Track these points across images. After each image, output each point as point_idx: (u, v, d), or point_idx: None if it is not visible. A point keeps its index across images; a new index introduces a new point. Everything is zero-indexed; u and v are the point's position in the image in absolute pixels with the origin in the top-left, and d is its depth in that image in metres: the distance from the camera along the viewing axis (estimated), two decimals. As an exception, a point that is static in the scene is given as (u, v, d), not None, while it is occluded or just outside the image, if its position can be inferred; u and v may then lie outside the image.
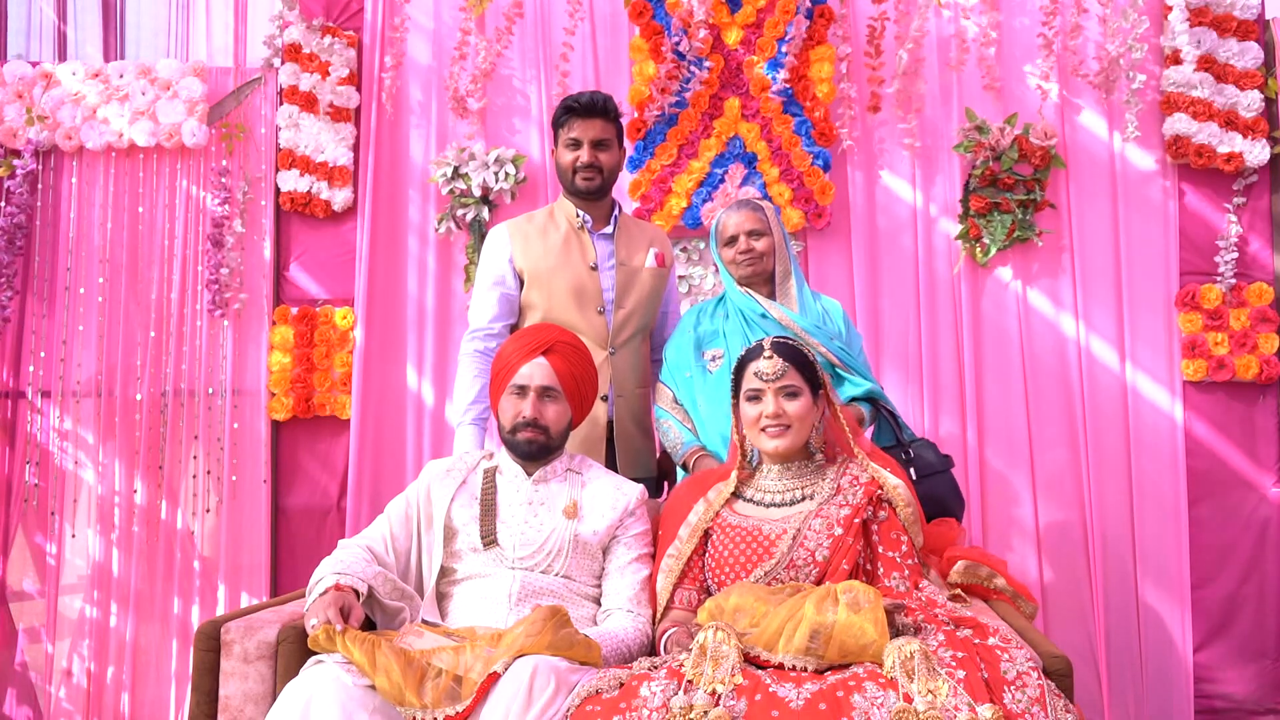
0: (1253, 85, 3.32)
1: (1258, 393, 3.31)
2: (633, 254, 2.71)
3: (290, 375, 3.41)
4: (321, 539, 3.38)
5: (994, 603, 2.19)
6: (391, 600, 2.00)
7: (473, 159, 3.42)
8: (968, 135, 3.36)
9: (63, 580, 3.44)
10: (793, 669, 1.68)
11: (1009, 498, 3.32)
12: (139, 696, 3.39)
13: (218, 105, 3.51)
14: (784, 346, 2.08)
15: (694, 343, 2.60)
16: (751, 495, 2.13)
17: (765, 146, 3.37)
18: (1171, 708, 3.23)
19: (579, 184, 2.65)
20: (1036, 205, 3.34)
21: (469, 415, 2.62)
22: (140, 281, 3.48)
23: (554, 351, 2.15)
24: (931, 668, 1.60)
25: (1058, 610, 3.27)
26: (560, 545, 2.07)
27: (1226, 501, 3.28)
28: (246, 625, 1.97)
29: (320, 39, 3.45)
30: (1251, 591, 3.26)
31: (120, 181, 3.51)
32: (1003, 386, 3.36)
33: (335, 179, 3.45)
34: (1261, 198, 3.34)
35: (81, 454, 3.46)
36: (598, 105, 2.64)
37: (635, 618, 2.03)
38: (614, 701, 1.62)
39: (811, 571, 1.97)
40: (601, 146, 2.65)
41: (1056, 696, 1.64)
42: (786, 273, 2.60)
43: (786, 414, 2.05)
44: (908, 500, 2.09)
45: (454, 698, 1.66)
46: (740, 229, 2.56)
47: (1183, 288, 3.32)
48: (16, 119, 3.45)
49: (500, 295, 2.66)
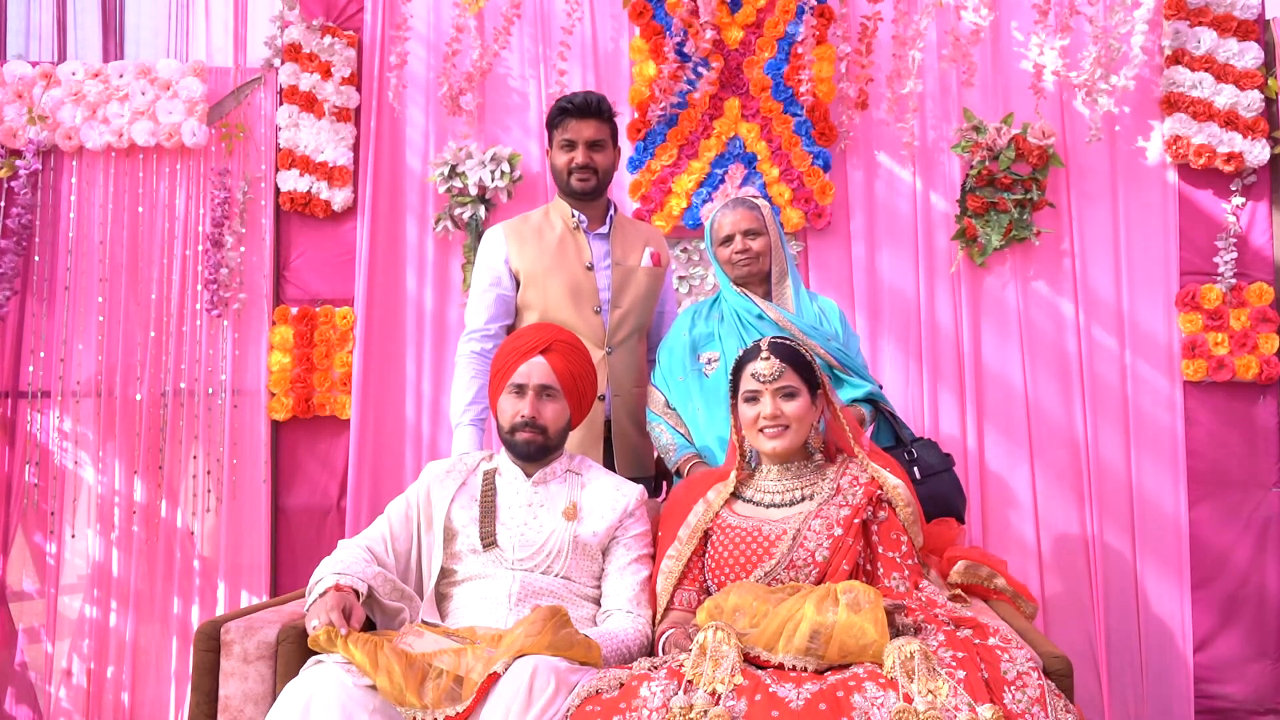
0: (1253, 85, 3.31)
1: (1258, 393, 3.31)
2: (628, 253, 2.71)
3: (290, 375, 3.41)
4: (321, 539, 3.38)
5: (994, 603, 2.19)
6: (391, 601, 2.00)
7: (469, 157, 3.42)
8: (965, 135, 3.36)
9: (62, 580, 3.44)
10: (793, 669, 1.68)
11: (1009, 498, 3.32)
12: (139, 696, 3.39)
13: (218, 105, 3.51)
14: (781, 347, 2.08)
15: (689, 346, 2.58)
16: (751, 496, 2.13)
17: (765, 146, 3.37)
18: (1171, 708, 3.23)
19: (574, 185, 2.65)
20: (1034, 205, 3.34)
21: (466, 416, 2.61)
22: (140, 281, 3.48)
23: (552, 350, 2.15)
24: (931, 668, 1.60)
25: (1058, 610, 3.27)
26: (560, 546, 2.07)
27: (1226, 501, 3.28)
28: (246, 625, 1.97)
29: (320, 39, 3.45)
30: (1251, 591, 3.26)
31: (120, 181, 3.51)
32: (1003, 386, 3.35)
33: (335, 179, 3.45)
34: (1261, 198, 3.34)
35: (82, 454, 3.46)
36: (592, 106, 2.63)
37: (635, 618, 2.03)
38: (614, 701, 1.62)
39: (811, 572, 1.97)
40: (596, 147, 2.64)
41: (1056, 696, 1.64)
42: (783, 273, 2.58)
43: (784, 414, 2.05)
44: (907, 500, 2.09)
45: (454, 698, 1.67)
46: (736, 228, 2.54)
47: (1183, 288, 3.32)
48: (17, 119, 3.45)
49: (496, 296, 2.66)
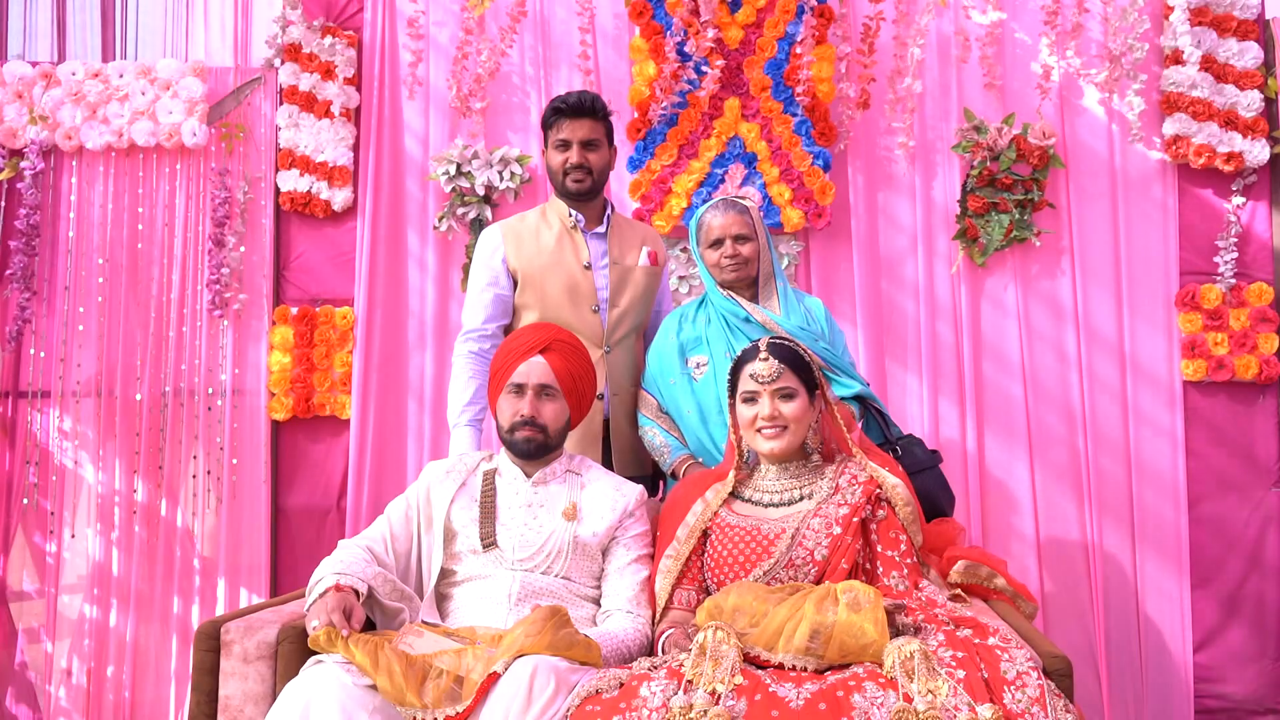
0: (1253, 85, 3.31)
1: (1257, 393, 3.31)
2: (626, 253, 2.71)
3: (290, 375, 3.41)
4: (321, 539, 3.38)
5: (994, 603, 2.19)
6: (391, 601, 2.00)
7: (476, 157, 3.42)
8: (965, 135, 3.36)
9: (62, 580, 3.43)
10: (792, 669, 1.68)
11: (1009, 498, 3.32)
12: (139, 696, 3.39)
13: (218, 105, 3.51)
14: (779, 347, 2.08)
15: (677, 349, 2.56)
16: (750, 495, 2.13)
17: (765, 146, 3.37)
18: (1171, 708, 3.23)
19: (569, 185, 2.65)
20: (1035, 205, 3.34)
21: (464, 417, 2.61)
22: (140, 281, 3.48)
23: (551, 350, 2.15)
24: (931, 668, 1.60)
25: (1058, 610, 3.27)
26: (560, 547, 2.07)
27: (1226, 501, 3.28)
28: (246, 625, 1.97)
29: (320, 39, 3.45)
30: (1251, 591, 3.26)
31: (120, 181, 3.51)
32: (1003, 386, 3.35)
33: (335, 179, 3.45)
34: (1261, 198, 3.34)
35: (82, 453, 3.46)
36: (585, 105, 2.63)
37: (635, 618, 2.03)
38: (614, 701, 1.62)
39: (810, 571, 1.97)
40: (591, 147, 2.64)
41: (1056, 696, 1.64)
42: (769, 275, 2.58)
43: (782, 415, 2.05)
44: (907, 500, 2.09)
45: (454, 698, 1.67)
46: (726, 232, 2.53)
47: (1183, 288, 3.32)
48: (17, 119, 3.45)
49: (494, 296, 2.66)
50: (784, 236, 3.38)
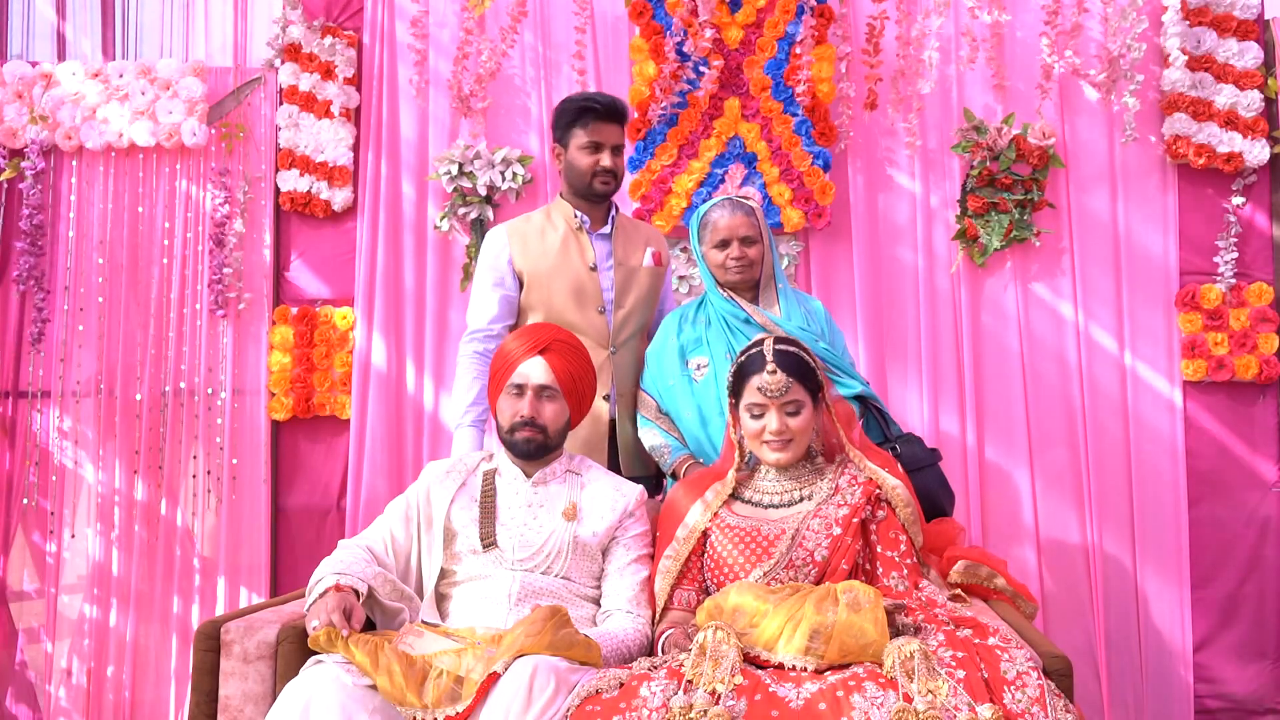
0: (1253, 85, 3.31)
1: (1258, 393, 3.31)
2: (630, 254, 2.71)
3: (290, 375, 3.41)
4: (321, 539, 3.38)
5: (994, 603, 2.19)
6: (391, 601, 2.00)
7: (478, 158, 3.42)
8: (965, 135, 3.36)
9: (62, 580, 3.43)
10: (792, 669, 1.68)
11: (1009, 498, 3.32)
12: (139, 696, 3.39)
13: (218, 105, 3.51)
14: (786, 357, 2.06)
15: (678, 351, 2.55)
16: (750, 496, 2.13)
17: (765, 146, 3.37)
18: (1171, 708, 3.23)
19: (597, 187, 2.63)
20: (1035, 205, 3.34)
21: (468, 417, 2.61)
22: (140, 281, 3.48)
23: (551, 350, 2.15)
24: (931, 668, 1.60)
25: (1058, 610, 3.27)
26: (560, 547, 2.07)
27: (1226, 501, 3.28)
28: (246, 625, 1.97)
29: (321, 39, 3.45)
30: (1251, 591, 3.26)
31: (120, 181, 3.51)
32: (1002, 386, 3.35)
33: (335, 179, 3.45)
34: (1261, 198, 3.34)
35: (82, 453, 3.46)
36: (618, 109, 2.63)
37: (635, 618, 2.03)
38: (614, 701, 1.62)
39: (810, 571, 1.97)
40: (619, 152, 2.65)
41: (1056, 696, 1.64)
42: (771, 276, 2.57)
43: (790, 429, 2.04)
44: (907, 500, 2.09)
45: (454, 698, 1.67)
46: (733, 234, 2.51)
47: (1183, 288, 3.32)
48: (17, 119, 3.45)
49: (501, 297, 2.66)
50: (784, 236, 3.38)
